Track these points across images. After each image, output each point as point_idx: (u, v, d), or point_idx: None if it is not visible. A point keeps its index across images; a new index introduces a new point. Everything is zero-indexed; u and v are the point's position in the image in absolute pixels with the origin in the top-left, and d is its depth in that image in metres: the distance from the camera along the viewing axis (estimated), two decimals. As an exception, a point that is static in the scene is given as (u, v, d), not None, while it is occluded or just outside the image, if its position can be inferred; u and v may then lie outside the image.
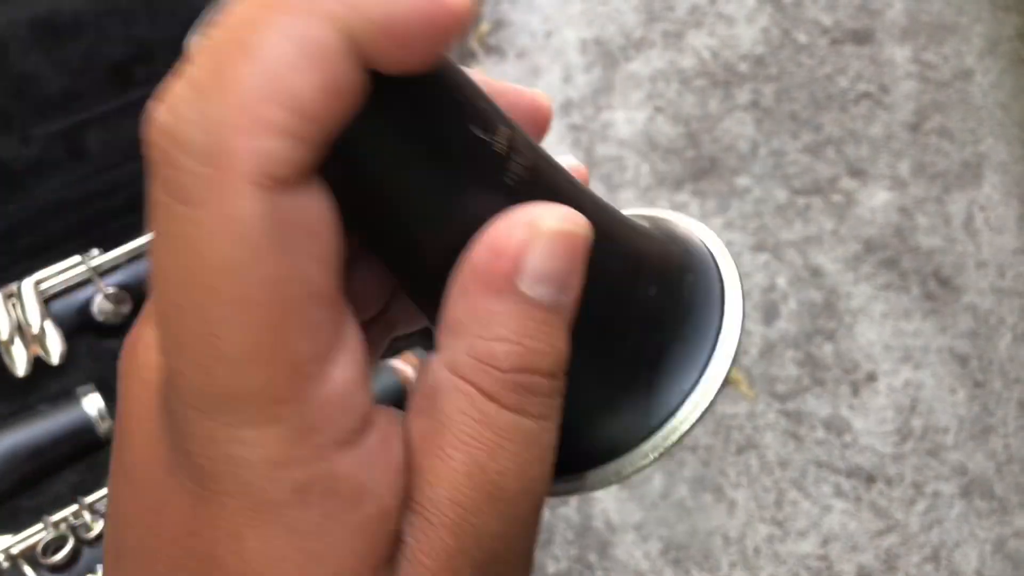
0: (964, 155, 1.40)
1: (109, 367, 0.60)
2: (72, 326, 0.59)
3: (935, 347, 1.25)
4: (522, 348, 0.21)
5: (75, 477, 0.54)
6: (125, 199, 0.63)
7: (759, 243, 1.32)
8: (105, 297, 0.59)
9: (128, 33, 0.59)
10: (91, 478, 0.54)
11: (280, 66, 0.17)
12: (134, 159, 0.64)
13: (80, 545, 0.51)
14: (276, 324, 0.18)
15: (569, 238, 0.21)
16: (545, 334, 0.21)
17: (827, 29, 1.51)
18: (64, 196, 0.62)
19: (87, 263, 0.58)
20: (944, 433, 1.19)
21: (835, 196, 1.37)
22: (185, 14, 0.60)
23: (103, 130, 0.62)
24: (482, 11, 1.51)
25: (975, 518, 1.14)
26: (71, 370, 0.58)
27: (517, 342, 0.21)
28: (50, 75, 0.58)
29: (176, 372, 0.19)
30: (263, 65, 0.17)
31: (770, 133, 1.42)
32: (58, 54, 0.58)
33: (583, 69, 1.47)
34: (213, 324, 0.18)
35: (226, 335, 0.18)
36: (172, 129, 0.17)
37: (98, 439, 0.55)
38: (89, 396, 0.55)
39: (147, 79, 0.62)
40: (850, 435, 1.20)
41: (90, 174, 0.62)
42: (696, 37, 1.50)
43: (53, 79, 0.58)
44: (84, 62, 0.59)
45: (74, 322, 0.59)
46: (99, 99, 0.61)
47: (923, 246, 1.32)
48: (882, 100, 1.45)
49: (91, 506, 0.51)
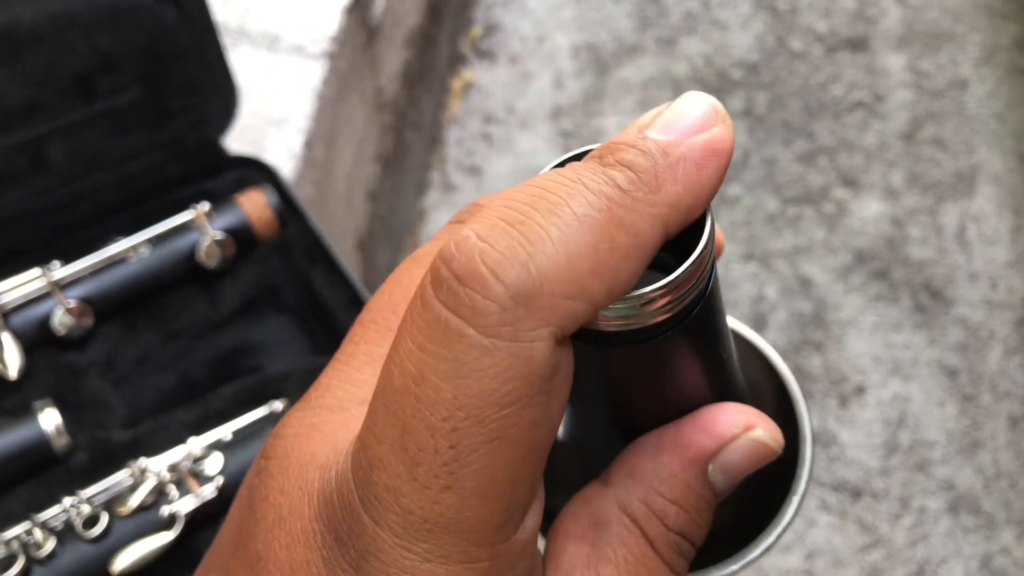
0: (958, 166, 1.39)
1: (69, 382, 0.59)
2: (32, 340, 0.58)
3: (925, 360, 1.24)
4: (689, 518, 0.23)
5: (28, 494, 0.53)
6: (89, 211, 0.63)
7: (748, 252, 1.32)
8: (67, 311, 0.58)
9: (90, 44, 0.59)
10: (44, 495, 0.53)
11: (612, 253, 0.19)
12: (99, 170, 0.63)
13: (31, 564, 0.50)
14: (518, 468, 0.19)
15: (765, 451, 0.24)
16: (705, 512, 0.24)
17: (822, 36, 1.50)
18: (26, 208, 0.61)
19: (47, 276, 0.58)
20: (932, 447, 1.18)
21: (827, 206, 1.36)
22: (148, 25, 0.59)
23: (67, 141, 0.61)
24: (474, 15, 1.51)
25: (961, 534, 1.13)
26: (29, 384, 0.58)
27: (687, 511, 0.23)
28: (10, 86, 0.57)
29: (387, 489, 0.19)
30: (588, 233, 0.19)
31: (762, 141, 1.41)
32: (18, 65, 0.57)
33: (574, 75, 1.46)
34: (461, 453, 0.18)
35: (469, 465, 0.18)
36: (487, 256, 0.18)
37: (53, 455, 0.55)
38: (46, 411, 0.55)
39: (111, 90, 0.61)
40: (837, 448, 1.19)
41: (53, 185, 0.62)
42: (689, 43, 1.49)
43: (13, 90, 0.57)
44: (46, 73, 0.59)
45: (34, 336, 0.58)
46: (62, 110, 0.60)
47: (914, 257, 1.31)
48: (876, 109, 1.44)
49: (44, 524, 0.51)
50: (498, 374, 0.18)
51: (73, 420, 0.56)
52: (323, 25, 0.81)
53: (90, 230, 0.62)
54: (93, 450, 0.55)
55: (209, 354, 0.61)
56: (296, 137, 0.75)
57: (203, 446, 0.53)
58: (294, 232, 0.63)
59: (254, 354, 0.62)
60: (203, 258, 0.60)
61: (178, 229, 0.60)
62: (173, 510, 0.51)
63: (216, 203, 0.61)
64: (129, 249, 0.59)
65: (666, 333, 0.21)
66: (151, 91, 0.62)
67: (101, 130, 0.62)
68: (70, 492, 0.52)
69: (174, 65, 0.62)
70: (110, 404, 0.57)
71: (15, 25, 0.55)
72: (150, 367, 0.60)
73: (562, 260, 0.18)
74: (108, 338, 0.59)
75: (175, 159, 0.64)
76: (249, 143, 0.73)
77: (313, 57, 0.80)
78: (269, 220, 0.61)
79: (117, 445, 0.55)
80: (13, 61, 0.57)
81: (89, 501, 0.51)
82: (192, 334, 0.61)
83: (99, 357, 0.59)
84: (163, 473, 0.51)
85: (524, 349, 0.18)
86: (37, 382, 0.57)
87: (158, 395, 0.59)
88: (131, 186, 0.63)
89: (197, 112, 0.64)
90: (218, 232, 0.60)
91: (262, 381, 0.58)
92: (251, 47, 0.79)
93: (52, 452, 0.54)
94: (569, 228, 0.18)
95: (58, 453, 0.54)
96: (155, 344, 0.60)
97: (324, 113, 0.79)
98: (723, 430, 0.23)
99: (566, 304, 0.18)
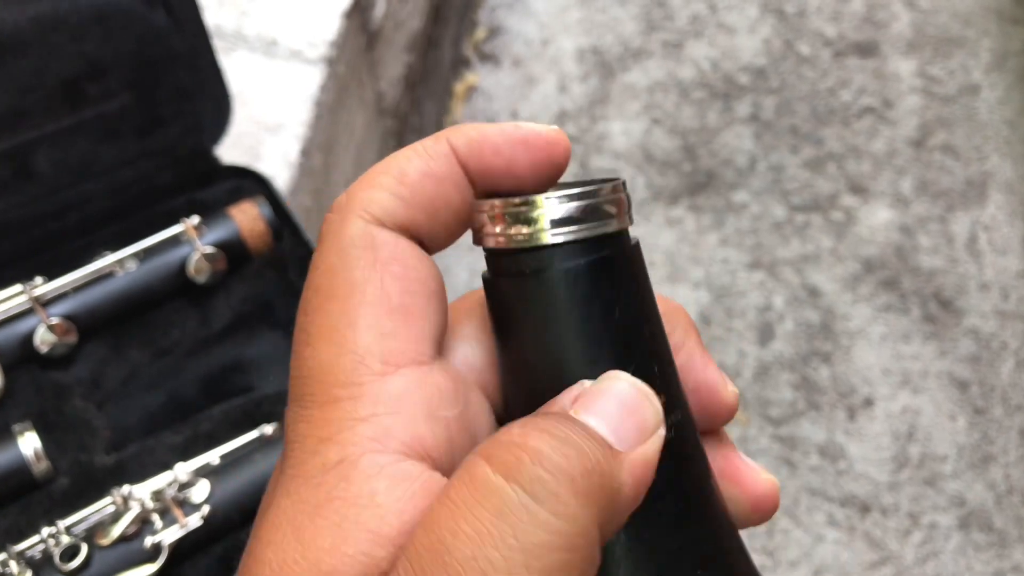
0: (969, 173, 1.36)
1: (52, 401, 0.57)
2: (13, 358, 0.56)
3: (935, 372, 1.21)
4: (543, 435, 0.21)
5: (5, 522, 0.51)
6: (75, 222, 0.60)
7: (755, 261, 1.29)
8: (48, 328, 0.56)
9: (78, 49, 0.56)
10: (24, 522, 0.51)
11: (398, 156, 0.25)
12: (87, 179, 0.61)
13: (8, 596, 0.48)
14: (350, 317, 0.23)
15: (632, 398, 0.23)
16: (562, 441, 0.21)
17: (830, 41, 1.48)
18: (10, 218, 0.59)
19: (29, 292, 0.55)
20: (942, 461, 1.16)
21: (835, 213, 1.33)
22: (138, 29, 0.56)
23: (54, 149, 0.59)
24: (478, 17, 1.48)
25: (973, 551, 1.10)
26: (10, 404, 0.55)
27: (541, 431, 0.21)
28: (-8, 93, 0.55)
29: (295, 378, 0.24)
30: (390, 158, 0.25)
31: (769, 147, 1.38)
32: (2, 71, 0.54)
33: (579, 79, 1.44)
34: (308, 315, 0.24)
35: (313, 323, 0.24)
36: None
37: (33, 480, 0.52)
38: (26, 435, 0.52)
39: (101, 96, 0.59)
40: (845, 462, 1.16)
41: (40, 195, 0.59)
42: (696, 47, 1.47)
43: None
44: (32, 79, 0.56)
45: (15, 354, 0.56)
46: (48, 117, 0.58)
47: (924, 267, 1.29)
48: (885, 115, 1.41)
49: (20, 554, 0.48)
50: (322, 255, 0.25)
51: (54, 443, 0.53)
52: (322, 29, 0.79)
53: (76, 242, 0.60)
54: (75, 475, 0.52)
55: (199, 373, 0.58)
56: (293, 144, 0.73)
57: (189, 472, 0.51)
58: (288, 245, 0.60)
59: (247, 372, 0.59)
60: (192, 273, 0.57)
61: (167, 243, 0.57)
62: (157, 540, 0.48)
63: (207, 215, 0.58)
64: (115, 263, 0.57)
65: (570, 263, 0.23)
66: (141, 98, 0.60)
67: (89, 138, 0.59)
68: (50, 519, 0.50)
69: (165, 71, 0.59)
70: (94, 426, 0.54)
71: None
72: (137, 387, 0.57)
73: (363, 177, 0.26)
74: (93, 356, 0.57)
75: (166, 168, 0.62)
76: (245, 150, 0.71)
77: (311, 62, 0.77)
78: (262, 233, 0.59)
79: (100, 470, 0.52)
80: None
81: (69, 531, 0.48)
82: (181, 352, 0.59)
83: (83, 376, 0.56)
84: (147, 501, 0.49)
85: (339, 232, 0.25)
86: (17, 402, 0.55)
87: (145, 416, 0.57)
88: (120, 196, 0.61)
89: (189, 120, 0.61)
90: (208, 246, 0.57)
91: (254, 402, 0.56)
92: (248, 51, 0.77)
93: (32, 477, 0.52)
94: None
95: (38, 478, 0.52)
96: (142, 363, 0.58)
97: (322, 120, 0.77)
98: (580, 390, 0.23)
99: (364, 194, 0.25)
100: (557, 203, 0.23)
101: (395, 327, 0.24)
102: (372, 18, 0.90)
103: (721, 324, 1.24)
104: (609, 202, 0.24)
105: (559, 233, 0.23)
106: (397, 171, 0.25)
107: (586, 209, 0.23)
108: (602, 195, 0.23)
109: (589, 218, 0.23)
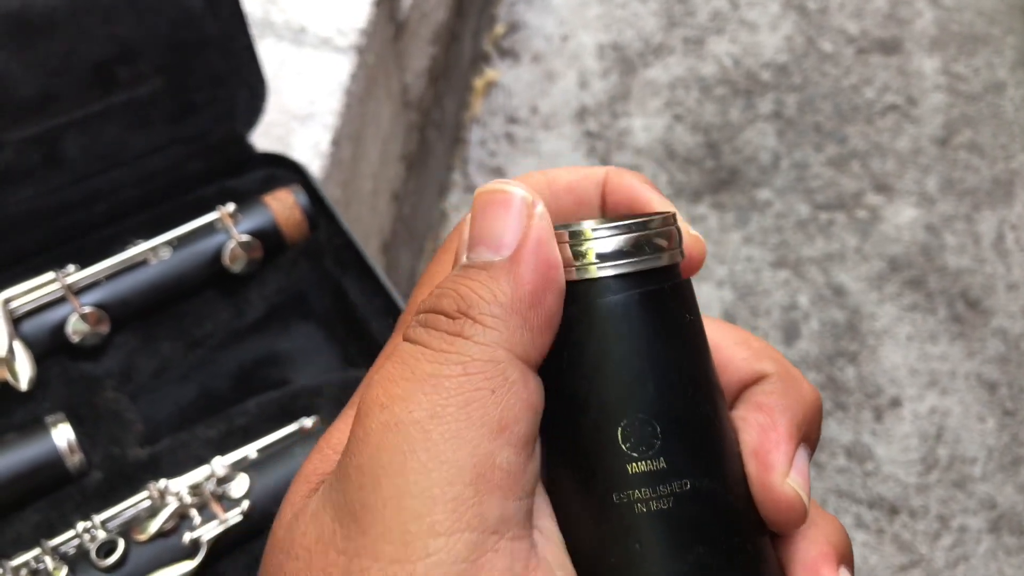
0: (995, 171, 1.35)
1: (83, 393, 0.55)
2: (44, 348, 0.54)
3: (963, 372, 1.19)
4: (433, 293, 0.23)
5: (38, 516, 0.49)
6: (106, 210, 0.59)
7: (780, 259, 1.27)
8: (81, 317, 0.54)
9: (109, 32, 0.55)
10: (56, 517, 0.49)
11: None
12: (116, 166, 0.59)
13: (41, 593, 0.46)
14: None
15: (492, 199, 0.23)
16: (454, 283, 0.22)
17: (853, 38, 1.46)
18: (38, 206, 0.57)
19: (61, 280, 0.54)
20: (972, 463, 1.14)
21: (860, 212, 1.31)
22: (171, 12, 0.55)
23: (83, 135, 0.57)
24: (497, 12, 1.47)
25: (1004, 555, 1.08)
26: (41, 396, 0.54)
27: (432, 291, 0.23)
28: (23, 76, 0.53)
29: None
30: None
31: (793, 145, 1.36)
32: (32, 53, 0.53)
33: (600, 75, 1.42)
34: None
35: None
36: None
37: (67, 473, 0.51)
38: (59, 426, 0.51)
39: (132, 80, 0.57)
40: (872, 463, 1.14)
41: (68, 182, 0.58)
42: (717, 44, 1.45)
43: (27, 80, 0.53)
44: (62, 62, 0.55)
45: (46, 344, 0.54)
46: (78, 102, 0.56)
47: (951, 266, 1.27)
48: (910, 113, 1.39)
49: (55, 550, 0.47)
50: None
51: (87, 436, 0.52)
52: (351, 17, 0.77)
53: (106, 231, 0.58)
54: (108, 469, 0.50)
55: (233, 365, 0.57)
56: (323, 134, 0.71)
57: (227, 466, 0.49)
58: (324, 235, 0.59)
59: (281, 365, 0.58)
60: (227, 262, 0.56)
61: (201, 231, 0.56)
62: (195, 536, 0.46)
63: (241, 203, 0.57)
64: (148, 251, 0.55)
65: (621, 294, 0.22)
66: (173, 82, 0.58)
67: (120, 124, 0.58)
68: (84, 515, 0.48)
69: (198, 55, 0.58)
70: (126, 419, 0.53)
71: (29, 9, 0.51)
72: (169, 379, 0.56)
73: None
74: (125, 347, 0.55)
75: (198, 155, 0.60)
76: (274, 140, 0.70)
77: (341, 50, 0.76)
78: (298, 222, 0.57)
79: (134, 464, 0.51)
80: (27, 48, 0.53)
81: (104, 525, 0.47)
82: (215, 343, 0.57)
83: (115, 367, 0.55)
84: (184, 495, 0.47)
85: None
86: (49, 394, 0.53)
87: (177, 409, 0.55)
88: (151, 184, 0.59)
89: (222, 105, 0.60)
90: (244, 234, 0.56)
91: (290, 395, 0.54)
92: (276, 39, 0.75)
93: (65, 470, 0.50)
94: None
95: (71, 471, 0.50)
96: (175, 354, 0.56)
97: (352, 110, 0.75)
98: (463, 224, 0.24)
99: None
100: (606, 236, 0.23)
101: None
102: (400, 7, 0.88)
103: (746, 323, 1.23)
104: (659, 235, 0.23)
105: (606, 267, 0.23)
106: (550, 175, 0.27)
107: (636, 242, 0.23)
108: (652, 228, 0.23)
109: (638, 252, 0.23)
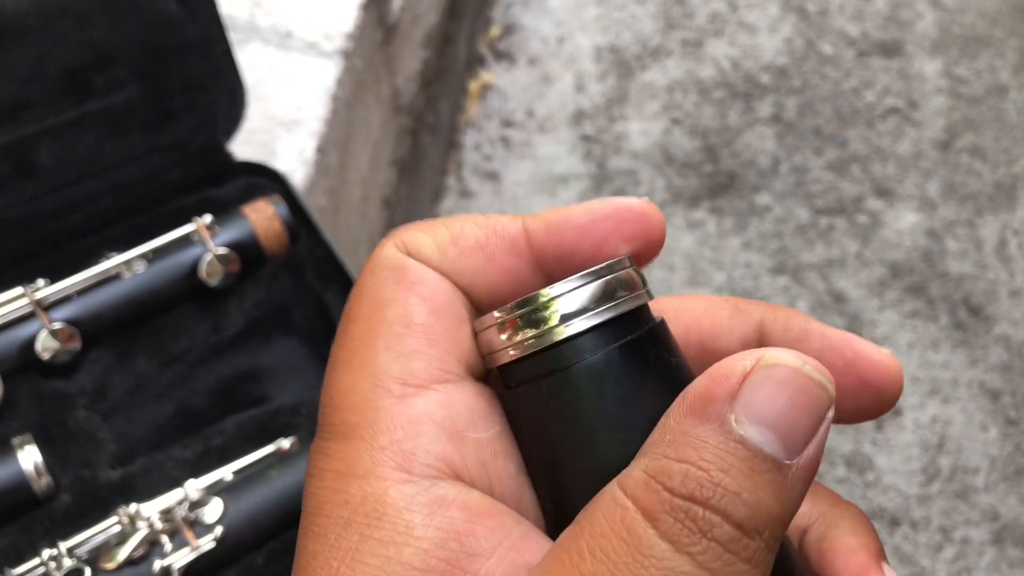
0: (997, 176, 1.33)
1: (54, 412, 0.53)
2: (12, 365, 0.52)
3: (965, 380, 1.18)
4: (706, 476, 0.18)
5: (4, 542, 0.47)
6: (80, 221, 0.57)
7: (779, 265, 1.25)
8: (51, 333, 0.52)
9: (84, 37, 0.53)
10: (24, 543, 0.47)
11: (466, 218, 0.24)
12: (92, 176, 0.57)
13: (6, 623, 0.44)
14: (370, 338, 0.23)
15: (799, 379, 0.18)
16: (750, 478, 0.18)
17: (854, 40, 1.44)
18: (10, 217, 0.55)
19: (30, 295, 0.52)
20: (974, 474, 1.12)
21: (860, 217, 1.29)
22: (148, 16, 0.53)
23: (57, 143, 0.56)
24: (493, 14, 1.45)
25: (1007, 567, 1.06)
26: (8, 415, 0.52)
27: (703, 469, 0.18)
28: (-8, 82, 0.51)
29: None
30: (458, 217, 0.24)
31: (792, 149, 1.34)
32: (1, 59, 0.51)
33: (597, 77, 1.40)
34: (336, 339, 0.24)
35: (338, 346, 0.24)
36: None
37: (34, 496, 0.49)
38: (26, 448, 0.49)
39: (106, 87, 0.55)
40: (873, 473, 1.12)
41: (41, 192, 0.56)
42: (716, 46, 1.43)
43: (-4, 87, 0.52)
44: (33, 68, 0.53)
45: (15, 361, 0.52)
46: (52, 109, 0.55)
47: (953, 272, 1.25)
48: (911, 116, 1.37)
49: (20, 578, 0.45)
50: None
51: (57, 457, 0.50)
52: (338, 21, 0.75)
53: (80, 242, 0.56)
54: (78, 492, 0.49)
55: (210, 382, 0.55)
56: (308, 141, 0.69)
57: (201, 489, 0.47)
58: (305, 247, 0.57)
59: (261, 382, 0.56)
60: (204, 275, 0.54)
61: (177, 243, 0.54)
62: (166, 564, 0.44)
63: (220, 214, 0.55)
64: (122, 265, 0.53)
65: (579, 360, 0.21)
66: (151, 89, 0.56)
67: (94, 132, 0.56)
68: (51, 540, 0.46)
69: (176, 61, 0.56)
70: (98, 438, 0.51)
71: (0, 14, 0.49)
72: (145, 396, 0.54)
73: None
74: (99, 363, 0.53)
75: (176, 164, 0.58)
76: (258, 147, 0.68)
77: (327, 55, 0.74)
78: (278, 233, 0.55)
79: (105, 486, 0.49)
80: (-4, 54, 0.51)
81: (71, 553, 0.45)
82: (192, 359, 0.55)
83: (88, 385, 0.53)
84: (155, 521, 0.45)
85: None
86: (16, 413, 0.51)
87: (153, 428, 0.53)
88: (127, 194, 0.57)
89: (201, 113, 0.58)
90: (221, 247, 0.54)
91: (269, 413, 0.52)
92: (261, 44, 0.74)
93: (32, 494, 0.48)
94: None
95: (38, 495, 0.48)
96: (151, 371, 0.54)
97: (339, 115, 0.73)
98: (729, 366, 0.19)
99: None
100: (570, 290, 0.21)
101: (417, 346, 0.22)
102: (390, 10, 0.86)
103: (744, 330, 1.21)
104: (623, 278, 0.22)
105: (572, 324, 0.21)
106: (456, 230, 0.24)
107: (605, 289, 0.21)
108: (616, 270, 0.22)
109: (608, 299, 0.21)
